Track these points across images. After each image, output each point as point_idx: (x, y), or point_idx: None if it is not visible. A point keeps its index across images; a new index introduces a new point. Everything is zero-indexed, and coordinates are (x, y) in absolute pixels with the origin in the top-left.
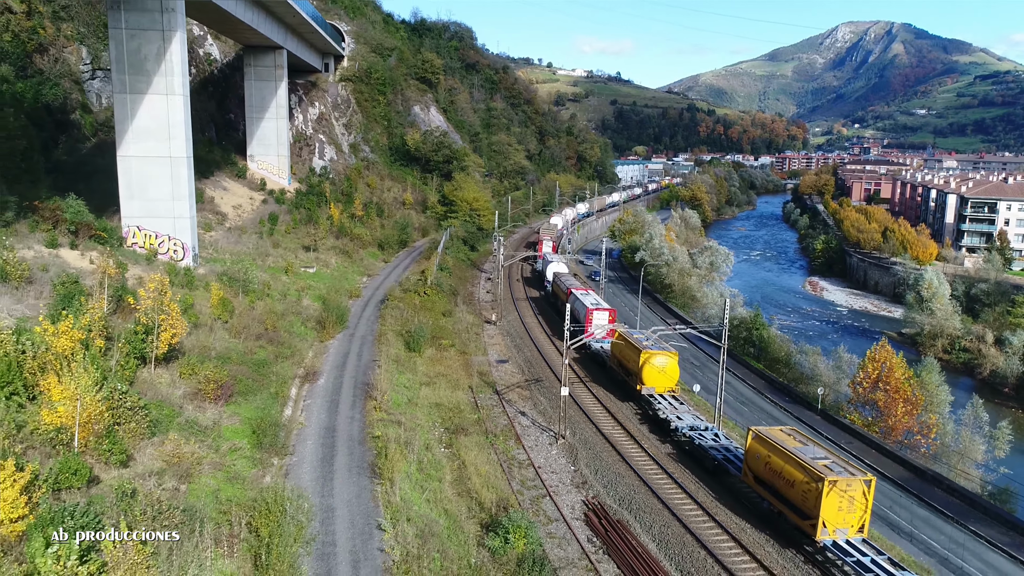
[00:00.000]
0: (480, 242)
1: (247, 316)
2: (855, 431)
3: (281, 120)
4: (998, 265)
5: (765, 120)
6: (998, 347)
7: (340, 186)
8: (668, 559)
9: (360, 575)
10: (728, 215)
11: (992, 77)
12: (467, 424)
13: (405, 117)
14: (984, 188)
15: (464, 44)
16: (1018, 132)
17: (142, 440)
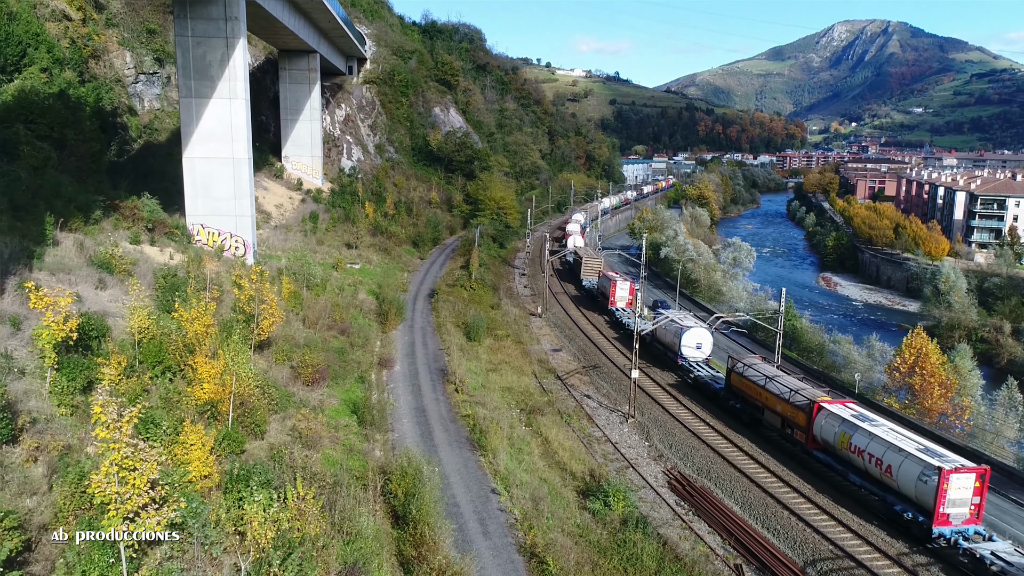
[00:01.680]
0: (508, 240)
1: (315, 308)
2: (893, 413)
3: (315, 122)
4: (1009, 260)
5: (763, 119)
6: (1015, 338)
7: (370, 186)
8: (753, 519)
9: (489, 529)
10: (734, 213)
11: (988, 75)
12: (540, 405)
13: (426, 118)
14: (993, 185)
15: (475, 46)
16: (1015, 130)
17: (271, 415)
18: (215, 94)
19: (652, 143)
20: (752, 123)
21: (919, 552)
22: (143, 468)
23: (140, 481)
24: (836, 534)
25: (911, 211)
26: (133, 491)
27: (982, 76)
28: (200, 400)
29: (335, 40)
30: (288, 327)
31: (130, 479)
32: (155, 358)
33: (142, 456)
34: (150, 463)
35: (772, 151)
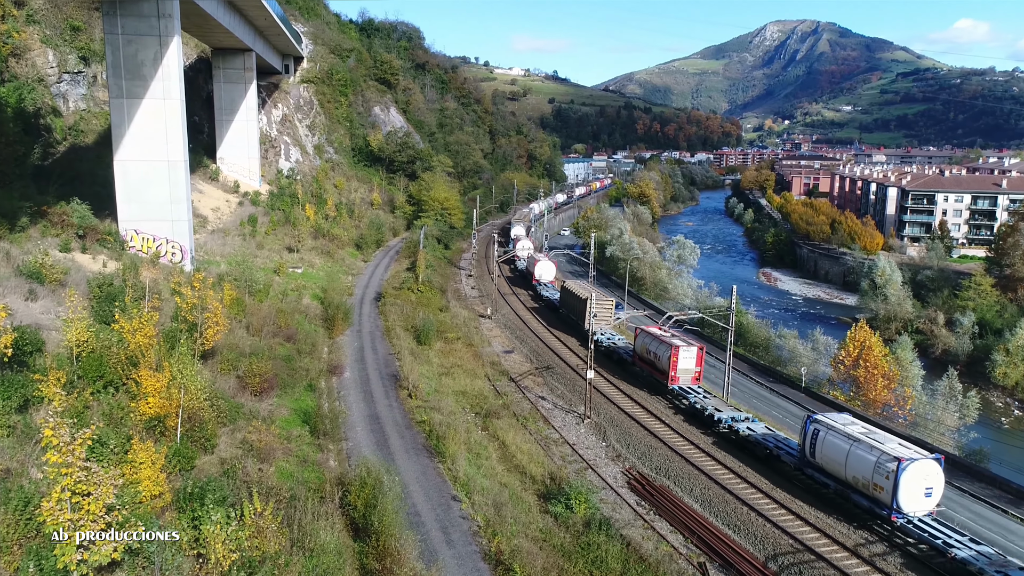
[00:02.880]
0: (453, 240)
1: (259, 315)
2: (839, 405)
3: (251, 122)
4: (940, 253)
5: (700, 117)
6: (949, 328)
7: (310, 187)
8: (714, 516)
9: (453, 538)
10: (674, 211)
11: (913, 74)
12: (495, 409)
13: (366, 118)
14: (923, 181)
15: (413, 44)
16: (938, 127)
17: (220, 428)
18: (148, 94)
19: (592, 142)
20: (689, 121)
21: (877, 543)
22: (98, 492)
23: (95, 506)
24: (795, 528)
25: (846, 207)
26: (87, 517)
27: (907, 75)
28: (146, 415)
29: (271, 38)
30: (232, 335)
31: (84, 504)
32: (96, 372)
33: (96, 480)
34: (105, 487)
35: (709, 149)
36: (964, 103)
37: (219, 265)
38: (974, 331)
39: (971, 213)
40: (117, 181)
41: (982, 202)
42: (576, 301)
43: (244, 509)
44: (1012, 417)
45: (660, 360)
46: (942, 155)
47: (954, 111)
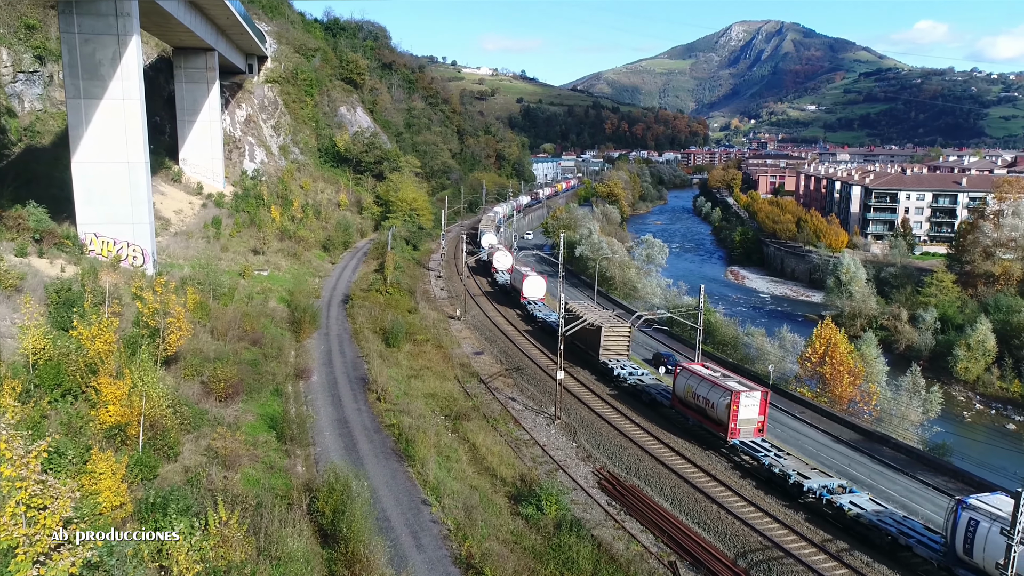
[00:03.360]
0: (421, 241)
1: (224, 319)
2: (806, 402)
3: (214, 123)
4: (903, 250)
5: (668, 117)
6: (912, 324)
7: (275, 188)
8: (684, 515)
9: (423, 542)
10: (643, 210)
11: (875, 74)
12: (465, 411)
13: (332, 118)
14: (886, 180)
15: (380, 44)
16: (900, 126)
17: (184, 435)
18: (107, 94)
19: (560, 141)
20: (657, 121)
21: (842, 538)
22: (54, 506)
23: (51, 520)
24: (763, 525)
25: (811, 205)
26: (43, 532)
27: (869, 75)
28: (106, 424)
29: (234, 37)
30: (196, 340)
31: (40, 519)
32: (53, 380)
33: (52, 493)
34: (62, 500)
35: (677, 148)
36: (925, 103)
37: (182, 268)
38: (936, 327)
39: (932, 211)
40: (75, 183)
41: (943, 200)
42: (585, 330)
43: (208, 518)
44: (974, 411)
45: (714, 408)
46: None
47: (915, 110)
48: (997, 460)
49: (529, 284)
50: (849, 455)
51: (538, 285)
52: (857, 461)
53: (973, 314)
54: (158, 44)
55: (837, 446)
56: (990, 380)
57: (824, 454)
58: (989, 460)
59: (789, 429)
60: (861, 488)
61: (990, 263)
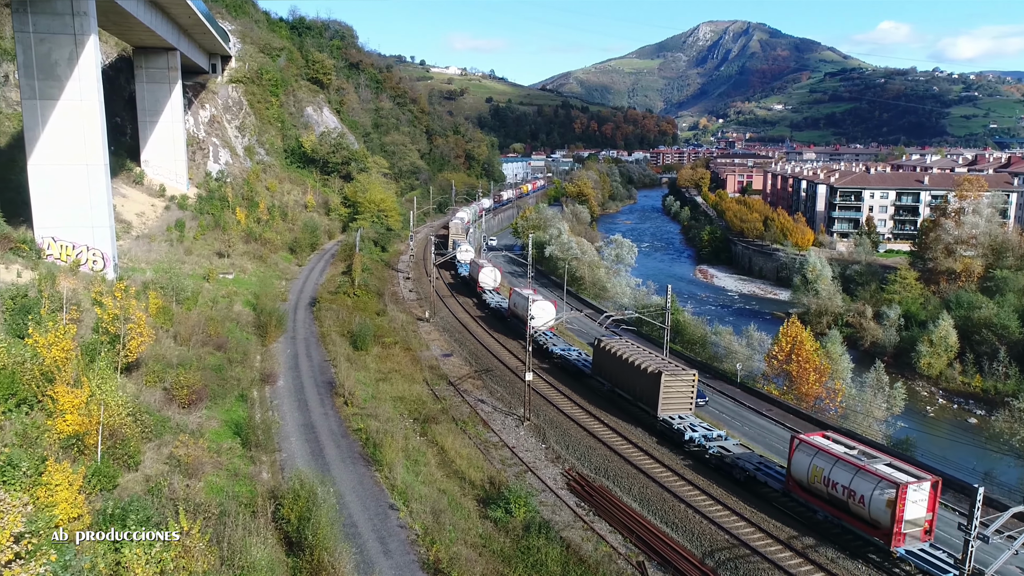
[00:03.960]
0: (390, 242)
1: (187, 324)
2: (773, 399)
3: (176, 123)
4: (868, 248)
5: (637, 116)
6: (876, 321)
7: (241, 190)
8: (652, 514)
9: (390, 548)
10: (612, 209)
11: (840, 74)
12: (433, 414)
13: (299, 119)
14: (850, 178)
15: (347, 43)
16: (865, 125)
17: (145, 444)
18: (63, 95)
19: (530, 141)
20: (626, 120)
21: (808, 535)
22: (5, 521)
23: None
24: (731, 524)
25: (778, 204)
26: None
27: (834, 75)
28: (64, 434)
29: (197, 37)
30: (159, 345)
31: None
32: (8, 390)
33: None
34: (13, 515)
35: (646, 147)
36: (888, 102)
37: (144, 272)
38: (900, 323)
39: (896, 209)
40: (32, 186)
41: (906, 198)
42: (633, 374)
43: (170, 528)
44: (937, 406)
45: (864, 505)
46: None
47: (879, 110)
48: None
49: (537, 309)
50: None
51: (547, 311)
52: None
53: (935, 311)
54: (118, 43)
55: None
56: (952, 375)
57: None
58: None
59: (756, 427)
60: None
61: (952, 260)
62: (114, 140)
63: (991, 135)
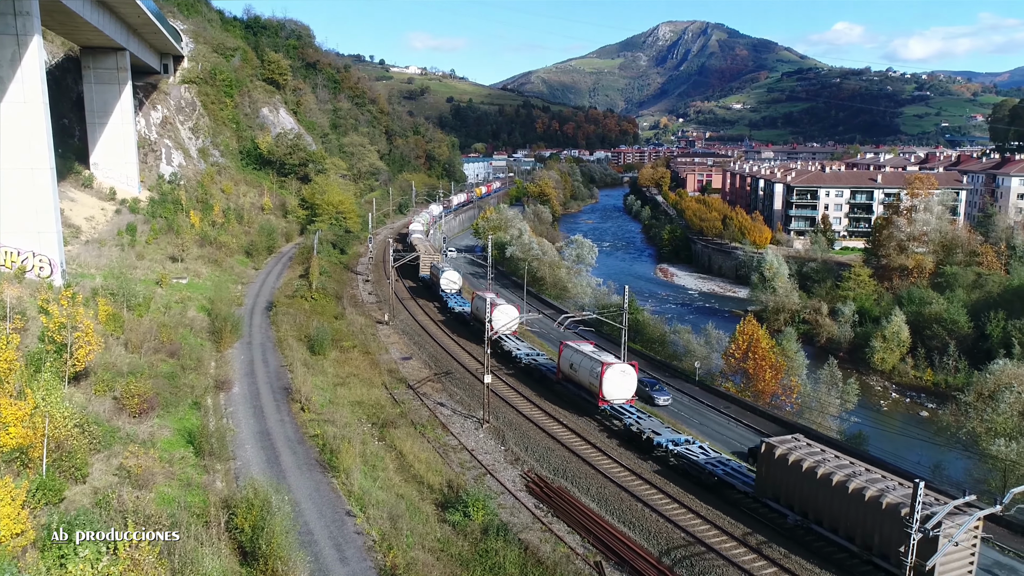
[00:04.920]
0: (349, 245)
1: (138, 330)
2: (731, 397)
3: (127, 125)
4: (823, 246)
5: (598, 116)
6: (832, 318)
7: (195, 193)
8: (610, 514)
9: (346, 555)
10: (574, 209)
11: (797, 74)
12: (392, 418)
13: (254, 120)
14: (806, 177)
15: (303, 43)
16: (821, 124)
17: (93, 455)
18: (6, 98)
19: (492, 140)
20: (588, 120)
21: (761, 532)
22: None
23: None
24: (687, 522)
25: (737, 202)
26: None
27: (791, 75)
28: (6, 447)
29: (147, 36)
30: (108, 353)
31: None
32: None
33: None
34: None
35: (607, 147)
36: (844, 101)
37: (94, 278)
38: (855, 320)
39: (851, 207)
40: None
41: (860, 197)
42: None
43: (118, 541)
44: (890, 400)
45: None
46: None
47: (835, 109)
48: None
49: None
50: None
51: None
52: None
53: (888, 307)
54: (64, 43)
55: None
56: (905, 370)
57: (746, 446)
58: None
59: (715, 424)
60: None
61: (904, 257)
62: (61, 142)
63: (942, 133)
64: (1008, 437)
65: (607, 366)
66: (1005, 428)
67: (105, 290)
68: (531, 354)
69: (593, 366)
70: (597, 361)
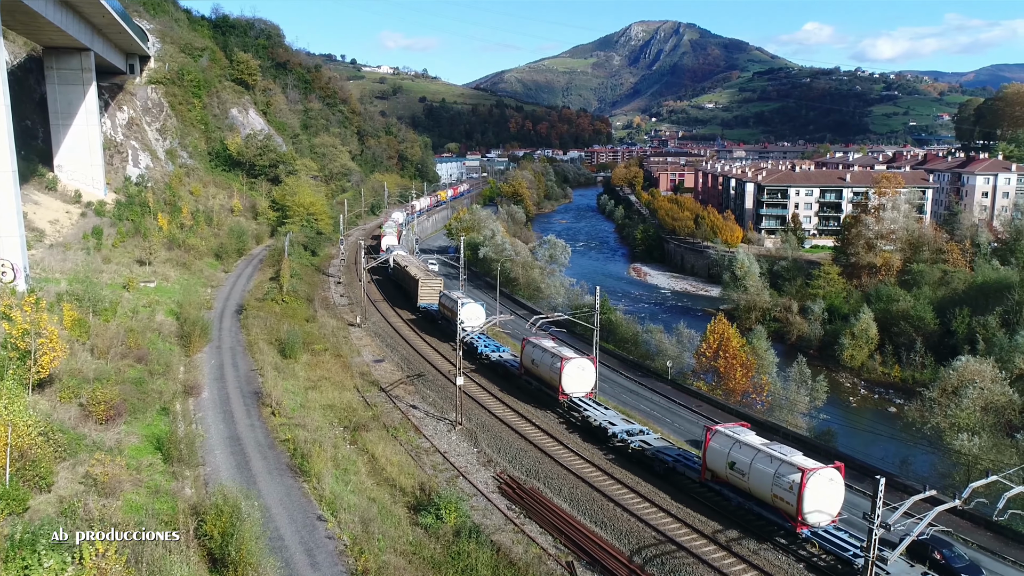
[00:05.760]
0: (320, 247)
1: (105, 335)
2: (703, 395)
3: (92, 126)
4: (794, 244)
5: (571, 115)
6: (802, 316)
7: (162, 195)
8: (582, 514)
9: (318, 560)
10: (548, 209)
11: (768, 73)
12: (364, 421)
13: (223, 120)
14: (776, 176)
15: (273, 42)
16: (792, 123)
17: (59, 463)
18: None
19: (465, 140)
20: (561, 119)
21: (731, 528)
22: None
23: None
24: (657, 520)
25: (709, 202)
26: None
27: (762, 74)
28: None
29: (112, 36)
30: (74, 359)
31: None
32: None
33: None
34: None
35: (581, 146)
36: (814, 101)
37: (59, 283)
38: (824, 317)
39: (820, 206)
40: None
41: (829, 195)
42: None
43: (83, 551)
44: (859, 396)
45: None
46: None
47: (806, 108)
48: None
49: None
50: None
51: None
52: None
53: (857, 304)
54: (27, 43)
55: None
56: (873, 366)
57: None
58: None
59: (687, 422)
60: None
61: (872, 255)
62: (24, 144)
63: (911, 132)
64: (971, 432)
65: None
66: (968, 423)
67: (70, 295)
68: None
69: (553, 362)
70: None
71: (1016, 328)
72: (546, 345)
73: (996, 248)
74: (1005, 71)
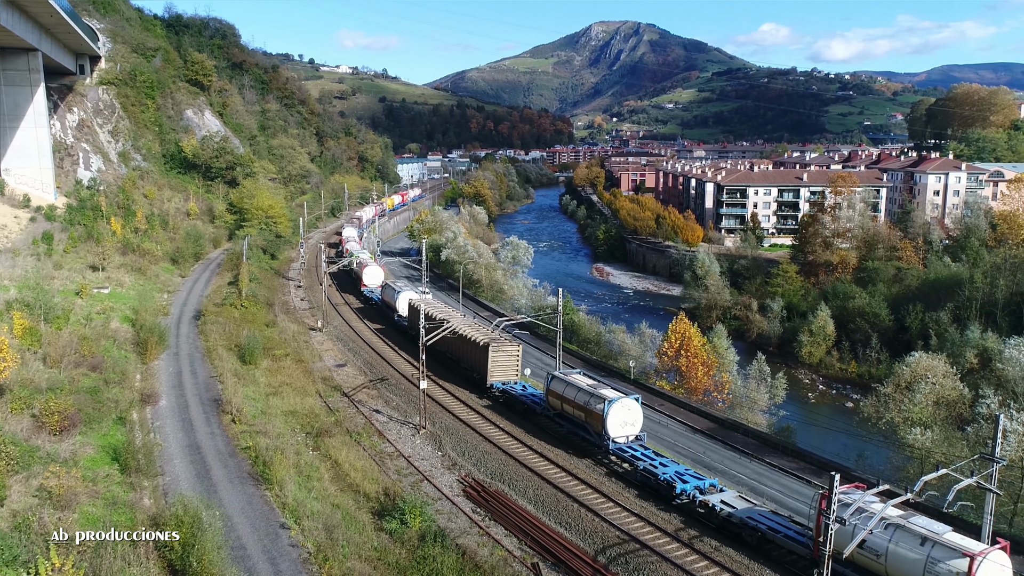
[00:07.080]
0: (280, 250)
1: (57, 344)
2: (665, 394)
3: (41, 128)
4: (753, 243)
5: (532, 116)
6: (761, 314)
7: (116, 198)
8: (547, 516)
9: (281, 568)
10: (510, 209)
11: (727, 74)
12: (327, 427)
13: (178, 122)
14: (736, 177)
15: (228, 42)
16: (751, 123)
17: (11, 477)
18: None
19: (426, 141)
20: (522, 120)
21: (693, 527)
22: None
23: None
24: (621, 520)
25: (670, 202)
26: None
27: (721, 74)
28: None
29: (61, 36)
30: (25, 369)
31: None
32: None
33: None
34: None
35: (543, 147)
36: (772, 101)
37: (8, 291)
38: (783, 315)
39: (779, 205)
40: None
41: (787, 195)
42: None
43: (39, 566)
44: (817, 392)
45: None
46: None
47: (764, 108)
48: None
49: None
50: (704, 443)
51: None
52: (712, 449)
53: (815, 301)
54: None
55: (694, 436)
56: (831, 362)
57: (681, 443)
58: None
59: (650, 422)
60: None
61: (829, 253)
62: None
63: (866, 132)
64: (923, 426)
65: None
66: (920, 418)
67: (20, 302)
68: None
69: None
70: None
71: (967, 323)
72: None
73: (948, 245)
74: (955, 71)
